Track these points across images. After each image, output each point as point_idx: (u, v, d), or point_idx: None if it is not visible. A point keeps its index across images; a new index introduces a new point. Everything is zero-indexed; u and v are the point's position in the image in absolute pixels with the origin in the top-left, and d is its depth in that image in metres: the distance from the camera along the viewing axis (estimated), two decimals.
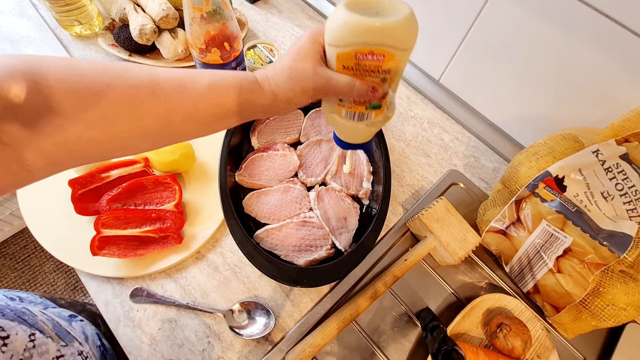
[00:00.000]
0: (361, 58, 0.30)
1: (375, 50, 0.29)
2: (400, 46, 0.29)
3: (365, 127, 0.36)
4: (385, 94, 0.33)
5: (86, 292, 1.28)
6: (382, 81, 0.32)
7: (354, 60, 0.30)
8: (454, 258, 0.48)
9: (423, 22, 0.68)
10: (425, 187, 0.61)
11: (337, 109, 0.35)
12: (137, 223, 0.51)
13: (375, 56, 0.29)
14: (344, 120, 0.36)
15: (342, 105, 0.35)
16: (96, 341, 0.48)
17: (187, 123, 0.31)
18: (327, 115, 0.38)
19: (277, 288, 0.51)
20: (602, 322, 0.43)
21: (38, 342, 0.36)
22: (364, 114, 0.35)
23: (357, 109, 0.34)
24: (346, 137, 0.39)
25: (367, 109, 0.34)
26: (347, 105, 0.35)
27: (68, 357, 0.39)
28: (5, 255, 1.31)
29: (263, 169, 0.57)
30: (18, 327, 0.35)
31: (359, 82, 0.31)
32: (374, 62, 0.30)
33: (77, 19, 0.67)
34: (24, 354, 0.34)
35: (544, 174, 0.46)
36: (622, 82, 0.47)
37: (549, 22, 0.49)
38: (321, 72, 0.31)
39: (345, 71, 0.31)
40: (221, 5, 0.49)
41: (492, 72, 0.60)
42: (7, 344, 0.33)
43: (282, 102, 0.33)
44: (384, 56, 0.29)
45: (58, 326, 0.42)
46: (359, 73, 0.31)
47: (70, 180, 0.50)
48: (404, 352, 0.48)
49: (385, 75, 0.31)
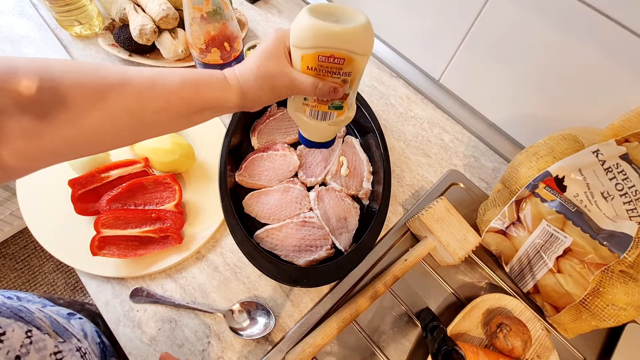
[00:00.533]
0: (323, 60, 0.32)
1: (336, 54, 0.32)
2: (358, 51, 0.32)
3: (328, 126, 0.39)
4: (346, 95, 0.36)
5: (86, 292, 1.28)
6: (343, 82, 0.34)
7: (317, 62, 0.33)
8: (454, 258, 0.48)
9: (423, 22, 0.68)
10: (425, 187, 0.61)
11: (302, 108, 0.38)
12: (137, 223, 0.50)
13: (335, 59, 0.32)
14: (308, 119, 0.39)
15: (306, 104, 0.37)
16: (95, 338, 0.48)
17: (159, 117, 0.32)
18: (292, 114, 0.40)
19: (277, 288, 0.51)
20: (602, 322, 0.43)
21: (35, 338, 0.36)
22: (327, 114, 0.38)
23: (320, 107, 0.37)
24: (310, 135, 0.42)
25: (330, 108, 0.37)
26: (311, 104, 0.37)
27: (66, 353, 0.39)
28: (5, 255, 1.31)
29: (263, 169, 0.57)
30: (14, 324, 0.36)
31: (321, 82, 0.34)
32: (335, 64, 0.33)
33: (77, 19, 0.67)
34: (20, 350, 0.34)
35: (544, 174, 0.46)
36: (622, 82, 0.47)
37: (549, 22, 0.49)
38: (287, 71, 0.34)
39: (309, 71, 0.34)
40: (221, 5, 0.49)
41: (492, 72, 0.60)
42: (2, 340, 0.33)
43: (250, 100, 0.35)
44: (344, 59, 0.32)
45: (56, 323, 0.42)
46: (322, 74, 0.34)
47: (70, 180, 0.50)
48: (404, 352, 0.48)
49: (346, 77, 0.34)
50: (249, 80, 0.34)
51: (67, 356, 0.39)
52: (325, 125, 0.39)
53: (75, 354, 0.40)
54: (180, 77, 0.32)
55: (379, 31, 0.75)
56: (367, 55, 0.33)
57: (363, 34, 0.31)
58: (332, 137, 0.42)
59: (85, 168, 0.52)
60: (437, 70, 0.69)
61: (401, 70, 0.73)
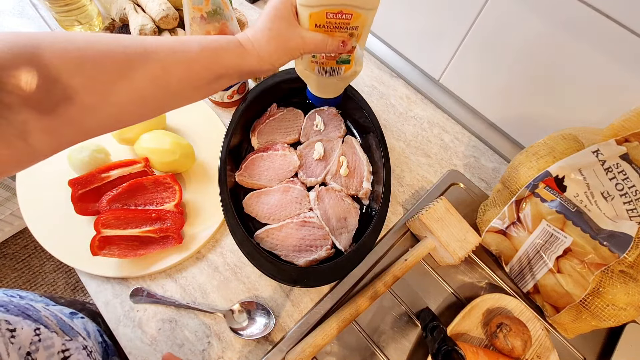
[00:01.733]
0: (331, 17, 0.34)
1: (344, 10, 0.34)
2: (365, 6, 0.34)
3: (337, 82, 0.41)
4: (353, 48, 0.37)
5: (86, 292, 1.28)
6: (350, 36, 0.36)
7: (325, 19, 0.34)
8: (454, 258, 0.48)
9: (423, 22, 0.68)
10: (425, 187, 0.61)
11: (311, 66, 0.40)
12: (137, 223, 0.50)
13: (344, 15, 0.34)
14: (318, 76, 0.40)
15: (315, 61, 0.39)
16: (98, 337, 0.48)
17: (182, 85, 0.32)
18: (301, 72, 0.42)
19: (277, 288, 0.51)
20: (602, 322, 0.43)
21: (43, 336, 0.37)
22: (335, 69, 0.39)
23: (329, 63, 0.39)
24: (319, 92, 0.44)
25: (338, 63, 0.39)
26: (319, 61, 0.39)
27: (73, 351, 0.39)
28: (6, 256, 1.31)
29: (263, 169, 0.57)
30: (23, 322, 0.36)
31: (330, 38, 0.35)
32: (342, 19, 0.34)
33: (77, 19, 0.67)
34: (30, 347, 0.34)
35: (544, 174, 0.46)
36: (622, 82, 0.47)
37: (549, 22, 0.49)
38: (298, 31, 0.35)
39: (317, 29, 0.35)
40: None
41: (492, 72, 0.60)
42: (14, 336, 0.33)
43: (266, 63, 0.35)
44: (352, 15, 0.34)
45: (62, 321, 0.42)
46: (330, 29, 0.35)
47: (70, 180, 0.50)
48: (404, 352, 0.48)
49: (353, 31, 0.36)
50: (262, 43, 0.34)
51: (74, 354, 0.39)
52: (334, 80, 0.41)
53: (81, 352, 0.41)
54: (198, 43, 0.32)
55: (379, 31, 0.75)
56: (374, 9, 0.35)
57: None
58: (340, 92, 0.45)
59: (85, 168, 0.52)
60: (437, 70, 0.69)
61: (401, 70, 0.73)
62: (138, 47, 0.29)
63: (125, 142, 0.56)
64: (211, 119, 0.62)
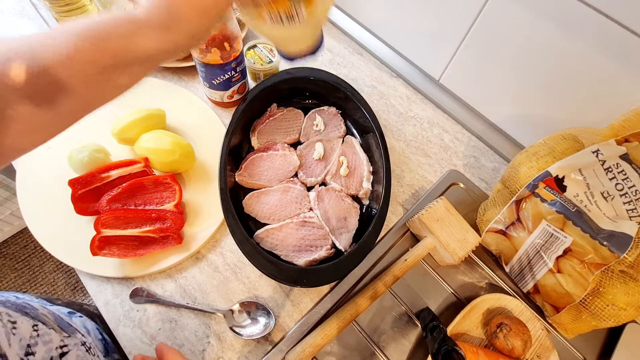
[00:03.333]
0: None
1: None
2: None
3: (302, 29, 0.31)
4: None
5: (86, 292, 1.28)
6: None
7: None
8: (454, 258, 0.48)
9: (423, 22, 0.68)
10: (425, 187, 0.61)
11: (258, 14, 0.30)
12: (137, 223, 0.50)
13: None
14: (274, 28, 0.30)
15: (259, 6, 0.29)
16: (97, 335, 0.48)
17: (72, 81, 0.26)
18: (254, 27, 0.32)
19: (277, 288, 0.51)
20: (602, 322, 0.43)
21: (41, 332, 0.37)
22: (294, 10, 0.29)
23: (280, 4, 0.29)
24: (286, 45, 0.33)
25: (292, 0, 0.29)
26: (266, 6, 0.29)
27: (71, 347, 0.39)
28: (5, 255, 1.31)
29: (263, 169, 0.57)
30: (22, 317, 0.36)
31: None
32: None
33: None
34: (30, 340, 0.34)
35: (544, 174, 0.46)
36: (622, 82, 0.47)
37: (549, 22, 0.49)
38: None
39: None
40: None
41: (492, 72, 0.60)
42: (16, 328, 0.33)
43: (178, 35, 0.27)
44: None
45: (60, 319, 0.42)
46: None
47: (70, 180, 0.50)
48: (404, 352, 0.48)
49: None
50: (167, 10, 0.26)
51: (72, 350, 0.39)
52: (298, 28, 0.30)
53: (80, 347, 0.40)
54: (75, 30, 0.25)
55: (379, 31, 0.75)
56: None
57: None
58: (313, 38, 0.33)
59: (85, 168, 0.52)
60: (437, 70, 0.69)
61: (401, 70, 0.73)
62: (23, 46, 0.24)
63: (125, 142, 0.56)
64: (211, 119, 0.62)
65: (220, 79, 0.57)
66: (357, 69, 0.73)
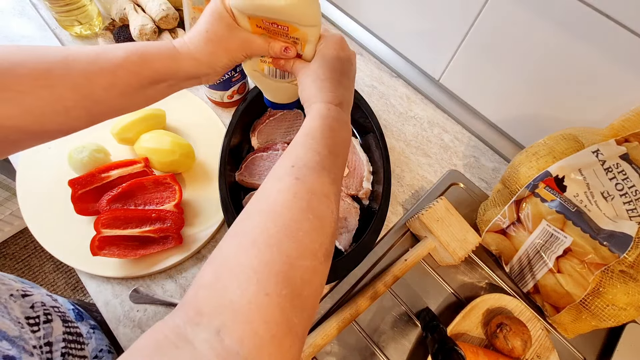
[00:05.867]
0: (268, 24, 0.32)
1: (279, 22, 0.32)
2: (299, 22, 0.32)
3: (289, 85, 0.38)
4: (299, 55, 0.35)
5: (86, 292, 1.28)
6: (293, 43, 0.34)
7: (263, 23, 0.32)
8: (454, 258, 0.48)
9: (423, 22, 0.68)
10: (425, 187, 0.61)
11: (260, 66, 0.37)
12: (137, 223, 0.50)
13: (279, 26, 0.32)
14: (268, 78, 0.38)
15: (264, 61, 0.37)
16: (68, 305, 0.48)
17: (109, 93, 0.31)
18: (251, 74, 0.39)
19: None
20: (602, 322, 0.43)
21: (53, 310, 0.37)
22: (286, 72, 0.37)
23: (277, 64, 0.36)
24: (273, 96, 0.41)
25: None
26: (268, 61, 0.37)
27: (82, 331, 0.40)
28: (5, 255, 1.31)
29: (263, 169, 0.57)
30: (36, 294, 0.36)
31: (273, 41, 0.34)
32: (280, 29, 0.33)
33: (77, 19, 0.67)
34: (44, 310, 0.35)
35: (544, 174, 0.46)
36: (622, 82, 0.47)
37: (549, 22, 0.49)
38: (236, 33, 0.33)
39: (260, 30, 0.33)
40: None
41: (492, 72, 0.60)
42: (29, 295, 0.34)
43: (205, 67, 0.34)
44: (288, 27, 0.32)
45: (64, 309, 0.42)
46: (271, 34, 0.34)
47: (70, 180, 0.50)
48: (404, 352, 0.48)
49: (296, 40, 0.34)
50: (199, 46, 0.33)
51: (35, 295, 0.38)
52: (285, 84, 0.38)
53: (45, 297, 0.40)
54: (124, 49, 0.31)
55: (379, 31, 0.75)
56: (315, 26, 0.33)
57: (299, 7, 0.30)
58: (295, 97, 0.42)
59: (85, 168, 0.52)
60: (437, 70, 0.69)
61: (401, 70, 0.73)
62: (58, 56, 0.29)
63: (125, 142, 0.56)
64: (211, 119, 0.62)
65: (220, 79, 0.57)
66: (357, 68, 0.73)
